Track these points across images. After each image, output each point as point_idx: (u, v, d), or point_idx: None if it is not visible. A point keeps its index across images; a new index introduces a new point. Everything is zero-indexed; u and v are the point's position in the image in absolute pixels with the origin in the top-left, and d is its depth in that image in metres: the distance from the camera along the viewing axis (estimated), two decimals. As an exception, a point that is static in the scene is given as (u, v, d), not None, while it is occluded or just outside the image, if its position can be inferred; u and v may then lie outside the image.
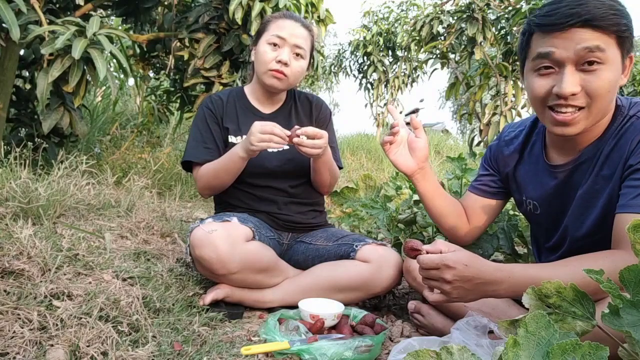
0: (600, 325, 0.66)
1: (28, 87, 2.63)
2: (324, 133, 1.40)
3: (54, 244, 1.35)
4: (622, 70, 0.98)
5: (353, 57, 8.76)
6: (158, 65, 3.43)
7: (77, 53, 1.92)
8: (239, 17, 2.50)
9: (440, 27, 4.35)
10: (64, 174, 1.93)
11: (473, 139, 4.02)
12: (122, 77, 4.28)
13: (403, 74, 8.28)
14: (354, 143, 7.30)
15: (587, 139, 1.06)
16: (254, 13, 2.47)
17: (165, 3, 3.07)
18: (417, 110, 11.63)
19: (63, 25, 2.02)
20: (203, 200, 3.01)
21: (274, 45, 1.52)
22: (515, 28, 3.42)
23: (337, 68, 9.12)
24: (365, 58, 8.34)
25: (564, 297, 0.69)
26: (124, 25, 3.36)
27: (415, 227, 1.76)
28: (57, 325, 0.99)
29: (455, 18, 4.00)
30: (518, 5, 3.54)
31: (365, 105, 8.90)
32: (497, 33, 3.76)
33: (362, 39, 8.12)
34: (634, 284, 0.62)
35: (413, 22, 4.79)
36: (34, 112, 2.57)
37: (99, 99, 4.25)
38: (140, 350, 0.98)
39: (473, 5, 3.69)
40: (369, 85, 8.72)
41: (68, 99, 2.33)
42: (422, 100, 12.25)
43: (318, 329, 1.20)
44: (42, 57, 2.05)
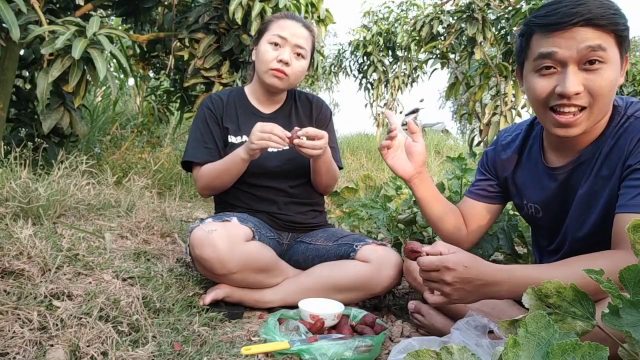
0: (600, 325, 0.66)
1: (28, 87, 2.63)
2: (324, 134, 1.40)
3: (54, 244, 1.35)
4: (619, 71, 0.99)
5: (353, 57, 8.76)
6: (158, 65, 3.44)
7: (77, 53, 1.92)
8: (239, 17, 2.50)
9: (440, 27, 4.35)
10: (64, 174, 1.93)
11: (473, 139, 4.02)
12: (122, 77, 4.29)
13: (403, 74, 8.28)
14: (354, 143, 7.30)
15: (586, 140, 1.06)
16: (254, 13, 2.47)
17: (165, 3, 3.07)
18: (417, 110, 11.59)
19: (63, 25, 2.02)
20: (203, 200, 3.01)
21: (275, 45, 1.52)
22: (515, 28, 3.42)
23: (337, 68, 9.12)
24: (365, 58, 8.34)
25: (564, 297, 0.69)
26: (124, 25, 3.36)
27: (415, 227, 1.76)
28: (57, 325, 0.99)
29: (455, 18, 4.00)
30: (518, 5, 3.54)
31: (365, 105, 8.90)
32: (497, 33, 3.76)
33: (362, 39, 8.12)
34: (634, 284, 0.62)
35: (413, 22, 4.79)
36: (34, 112, 2.57)
37: (99, 99, 4.25)
38: (140, 350, 0.98)
39: (473, 5, 3.69)
40: (369, 85, 8.71)
41: (68, 99, 2.33)
42: (422, 100, 12.20)
43: (318, 329, 1.20)
44: (42, 57, 2.05)
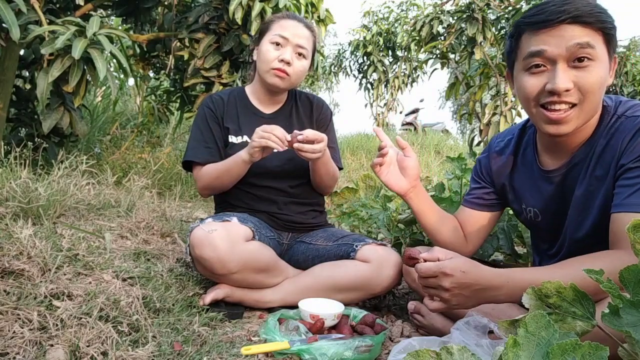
0: (600, 325, 0.66)
1: (28, 87, 2.63)
2: (324, 137, 1.40)
3: (54, 244, 1.35)
4: (608, 71, 1.00)
5: (353, 57, 8.76)
6: (158, 65, 3.44)
7: (77, 53, 1.92)
8: (239, 17, 2.50)
9: (440, 27, 4.35)
10: (64, 174, 1.93)
11: (473, 139, 4.02)
12: (122, 77, 4.29)
13: (403, 74, 8.29)
14: (354, 143, 7.29)
15: (577, 140, 1.07)
16: (254, 13, 2.47)
17: (165, 3, 3.07)
18: (417, 111, 11.63)
19: (63, 25, 2.02)
20: (203, 200, 3.01)
21: (277, 45, 1.52)
22: (515, 28, 3.41)
23: (337, 68, 9.12)
24: (365, 58, 8.34)
25: (564, 297, 0.69)
26: (124, 25, 3.36)
27: (415, 227, 1.76)
28: (57, 325, 0.99)
29: (455, 18, 3.99)
30: (518, 5, 3.55)
31: (365, 105, 8.90)
32: (497, 33, 3.76)
33: (362, 39, 8.12)
34: (634, 284, 0.62)
35: (413, 22, 4.79)
36: (34, 112, 2.57)
37: (99, 99, 4.25)
38: (140, 350, 0.98)
39: (473, 5, 3.69)
40: (369, 85, 8.72)
41: (68, 99, 2.33)
42: (422, 100, 12.24)
43: (318, 329, 1.20)
44: (42, 57, 2.05)
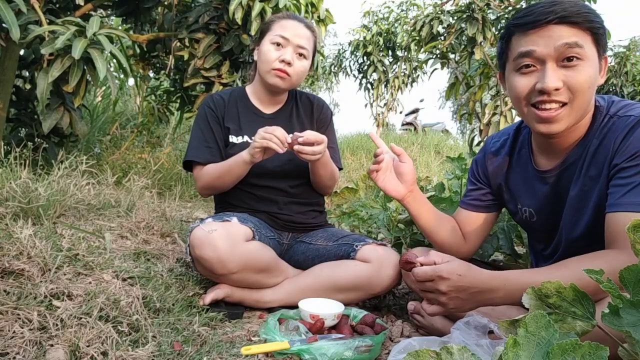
0: (600, 325, 0.66)
1: (28, 87, 2.63)
2: (324, 138, 1.41)
3: (54, 244, 1.35)
4: (599, 71, 1.01)
5: (353, 57, 8.75)
6: (158, 65, 3.44)
7: (77, 53, 1.92)
8: (239, 17, 2.50)
9: (440, 27, 4.34)
10: (64, 174, 1.93)
11: (473, 139, 4.01)
12: (122, 77, 4.29)
13: (403, 74, 8.27)
14: (354, 143, 7.30)
15: (570, 140, 1.07)
16: (254, 13, 2.47)
17: (165, 3, 3.07)
18: (417, 111, 11.63)
19: (63, 25, 2.02)
20: (203, 200, 3.01)
21: (278, 45, 1.52)
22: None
23: (337, 68, 9.11)
24: (365, 58, 8.33)
25: (564, 297, 0.69)
26: (124, 25, 3.36)
27: (415, 227, 1.76)
28: (57, 325, 0.99)
29: (455, 18, 3.99)
30: (518, 5, 3.54)
31: (365, 105, 8.89)
32: (497, 33, 3.75)
33: (362, 39, 8.11)
34: (634, 284, 0.62)
35: (413, 22, 4.79)
36: (34, 112, 2.57)
37: (99, 99, 4.25)
38: (140, 350, 0.98)
39: (473, 5, 3.69)
40: (369, 85, 8.71)
41: (68, 99, 2.33)
42: (422, 100, 12.24)
43: (318, 329, 1.20)
44: (42, 57, 2.05)
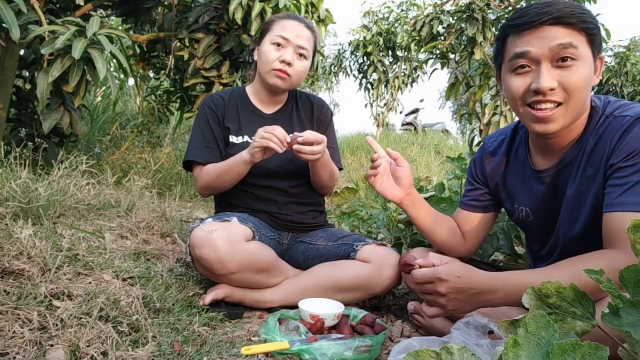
0: (600, 325, 0.66)
1: (28, 87, 2.63)
2: (323, 138, 1.41)
3: (54, 244, 1.35)
4: (594, 71, 1.02)
5: (353, 57, 8.74)
6: (158, 65, 3.44)
7: (77, 53, 1.92)
8: (239, 17, 2.50)
9: (440, 27, 4.34)
10: (64, 174, 1.93)
11: (473, 139, 4.02)
12: (122, 77, 4.29)
13: (403, 74, 8.28)
14: (354, 143, 7.30)
15: (567, 140, 1.08)
16: (254, 13, 2.47)
17: (165, 3, 3.07)
18: (417, 111, 11.63)
19: (63, 25, 2.02)
20: (203, 200, 3.01)
21: (278, 45, 1.52)
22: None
23: (337, 68, 9.11)
24: (365, 58, 8.33)
25: (564, 297, 0.69)
26: (124, 25, 3.36)
27: (415, 227, 1.76)
28: (57, 325, 0.99)
29: (455, 18, 3.99)
30: (518, 6, 3.54)
31: (365, 105, 8.89)
32: (497, 33, 3.75)
33: (362, 39, 8.11)
34: (634, 284, 0.62)
35: (413, 22, 4.78)
36: (34, 112, 2.57)
37: (99, 99, 4.25)
38: (140, 350, 0.98)
39: (473, 5, 3.69)
40: (369, 85, 8.70)
41: (68, 99, 2.33)
42: (422, 100, 12.25)
43: (318, 329, 1.20)
44: (42, 57, 2.05)
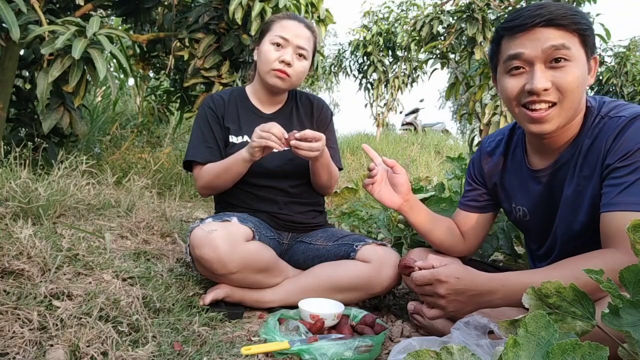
0: (600, 325, 0.66)
1: (28, 87, 2.63)
2: (322, 136, 1.41)
3: (54, 244, 1.35)
4: (588, 71, 1.02)
5: (353, 57, 8.75)
6: (158, 65, 3.44)
7: (77, 53, 1.92)
8: (239, 17, 2.50)
9: (440, 27, 4.35)
10: (64, 174, 1.93)
11: (473, 139, 4.01)
12: (122, 77, 4.29)
13: (403, 74, 8.29)
14: (354, 143, 7.30)
15: (562, 140, 1.08)
16: (254, 13, 2.47)
17: (165, 3, 3.07)
18: (417, 111, 11.63)
19: (63, 25, 2.02)
20: (203, 200, 3.01)
21: (277, 46, 1.52)
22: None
23: (337, 68, 9.11)
24: (365, 58, 8.33)
25: (564, 297, 0.69)
26: (124, 25, 3.36)
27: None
28: (57, 325, 0.99)
29: (455, 18, 3.99)
30: (518, 6, 3.54)
31: (365, 105, 8.89)
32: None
33: (362, 39, 8.12)
34: (634, 284, 0.62)
35: (413, 22, 4.79)
36: (34, 112, 2.57)
37: (99, 99, 4.25)
38: (140, 350, 0.98)
39: (473, 5, 3.69)
40: (369, 85, 8.71)
41: (68, 99, 2.33)
42: (422, 100, 12.26)
43: (318, 329, 1.20)
44: (42, 57, 2.05)
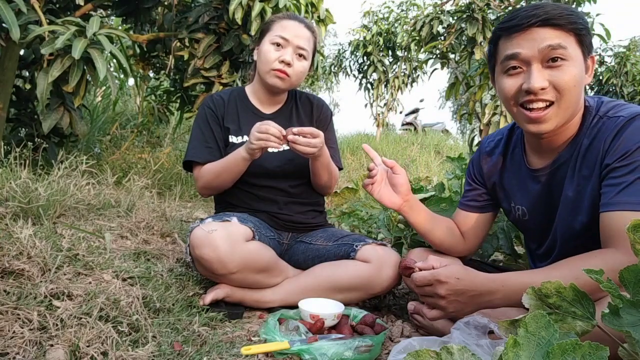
0: (600, 325, 0.66)
1: (28, 87, 2.63)
2: (320, 133, 1.40)
3: (54, 244, 1.35)
4: (585, 71, 1.03)
5: (353, 57, 8.75)
6: (158, 65, 3.44)
7: (77, 53, 1.92)
8: (239, 17, 2.50)
9: (440, 27, 4.35)
10: (64, 174, 1.93)
11: (473, 139, 4.01)
12: (122, 77, 4.29)
13: (403, 74, 8.29)
14: (354, 143, 7.30)
15: (561, 140, 1.09)
16: (254, 13, 2.47)
17: (165, 3, 3.07)
18: (417, 111, 11.63)
19: (63, 25, 2.02)
20: (203, 200, 3.01)
21: (277, 46, 1.52)
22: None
23: (337, 68, 9.12)
24: (365, 58, 8.34)
25: (564, 297, 0.69)
26: (124, 25, 3.36)
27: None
28: (57, 325, 0.99)
29: (455, 18, 3.99)
30: (518, 6, 3.54)
31: (365, 105, 8.89)
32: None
33: (362, 39, 8.12)
34: (634, 284, 0.62)
35: (413, 22, 4.79)
36: (34, 112, 2.57)
37: (99, 99, 4.25)
38: (140, 350, 0.98)
39: (473, 5, 3.69)
40: (369, 85, 8.71)
41: (68, 99, 2.33)
42: (422, 100, 12.26)
43: (318, 329, 1.20)
44: (42, 57, 2.05)
